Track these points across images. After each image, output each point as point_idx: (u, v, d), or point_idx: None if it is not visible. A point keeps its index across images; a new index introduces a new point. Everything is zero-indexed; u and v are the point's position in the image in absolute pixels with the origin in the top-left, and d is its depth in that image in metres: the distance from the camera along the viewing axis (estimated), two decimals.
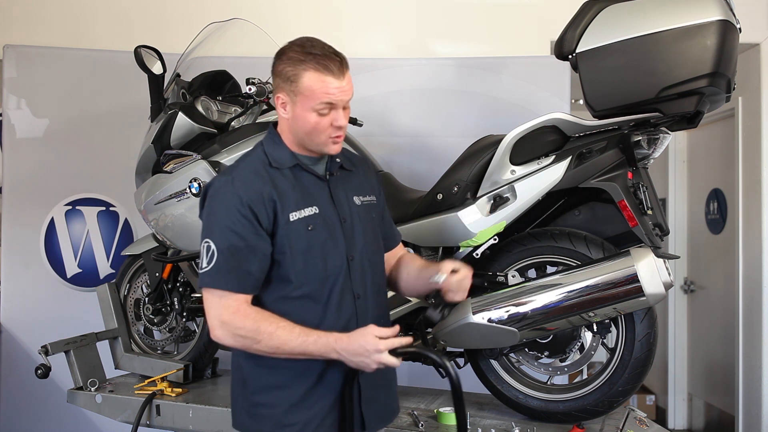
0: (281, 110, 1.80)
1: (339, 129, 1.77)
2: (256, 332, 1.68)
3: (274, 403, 1.79)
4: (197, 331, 3.00)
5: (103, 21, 4.02)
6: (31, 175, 3.74)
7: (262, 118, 2.81)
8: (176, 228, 2.68)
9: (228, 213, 1.71)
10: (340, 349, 1.68)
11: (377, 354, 1.66)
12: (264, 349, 1.70)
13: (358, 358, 1.67)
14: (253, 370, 1.81)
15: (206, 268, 1.72)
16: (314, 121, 1.75)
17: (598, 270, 2.14)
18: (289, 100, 1.77)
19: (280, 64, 1.78)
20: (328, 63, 1.73)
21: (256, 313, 1.71)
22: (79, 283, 3.75)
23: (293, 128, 1.80)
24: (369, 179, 1.99)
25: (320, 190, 1.84)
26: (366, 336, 1.67)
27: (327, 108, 1.74)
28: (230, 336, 1.71)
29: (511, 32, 3.98)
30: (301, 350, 1.69)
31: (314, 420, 1.79)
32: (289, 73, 1.74)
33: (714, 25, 1.99)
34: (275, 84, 1.81)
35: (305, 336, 1.68)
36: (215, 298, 1.72)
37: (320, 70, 1.72)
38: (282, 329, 1.68)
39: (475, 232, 2.31)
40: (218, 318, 1.72)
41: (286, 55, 1.77)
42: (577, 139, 2.23)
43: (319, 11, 4.04)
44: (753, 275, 4.23)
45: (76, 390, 2.76)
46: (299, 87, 1.73)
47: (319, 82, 1.72)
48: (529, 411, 2.36)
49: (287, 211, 1.75)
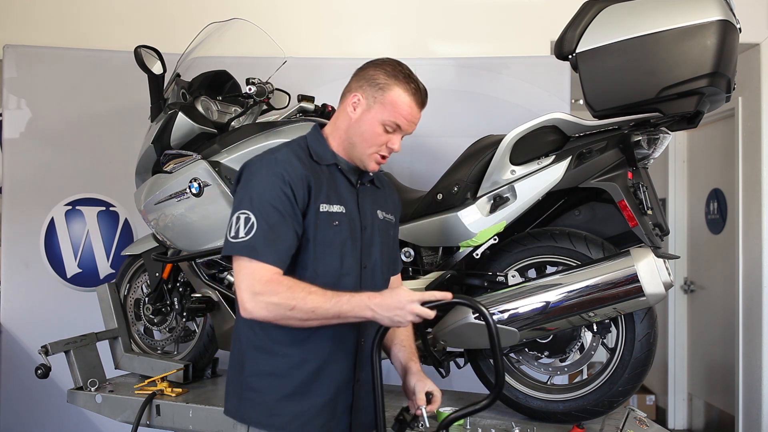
0: (350, 108, 1.85)
1: (389, 152, 1.87)
2: (291, 298, 1.68)
3: (266, 389, 1.81)
4: (197, 331, 3.00)
5: (103, 21, 4.02)
6: (31, 175, 3.75)
7: (262, 118, 2.81)
8: (176, 228, 2.68)
9: (271, 188, 1.74)
10: (374, 305, 1.69)
11: (412, 305, 1.68)
12: (298, 315, 1.69)
13: (394, 312, 1.69)
14: (252, 355, 1.83)
15: (243, 237, 1.72)
16: (376, 132, 1.83)
17: (598, 270, 2.14)
18: (366, 103, 1.83)
19: (373, 70, 1.85)
20: (419, 94, 1.84)
21: (288, 280, 1.72)
22: (79, 283, 3.75)
23: (351, 130, 1.86)
24: (393, 200, 2.07)
25: (350, 194, 1.89)
26: (399, 291, 1.71)
27: (393, 127, 1.83)
28: (263, 306, 1.70)
29: (511, 32, 3.98)
30: (335, 311, 1.69)
31: (303, 416, 1.80)
32: (381, 81, 1.82)
33: (714, 25, 1.99)
34: (356, 84, 1.86)
35: (338, 297, 1.70)
36: (249, 269, 1.71)
37: (410, 94, 1.83)
38: (314, 293, 1.69)
39: (475, 232, 2.31)
40: (250, 289, 1.70)
41: (386, 66, 1.85)
42: (577, 139, 2.23)
43: (319, 11, 4.04)
44: (753, 275, 4.23)
45: (76, 390, 2.76)
46: (384, 96, 1.81)
47: (404, 103, 1.82)
48: (529, 411, 2.36)
49: (319, 201, 1.80)
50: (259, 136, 2.55)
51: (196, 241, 2.66)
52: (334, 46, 3.97)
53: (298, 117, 2.67)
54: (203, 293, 2.77)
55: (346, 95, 1.89)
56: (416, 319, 1.70)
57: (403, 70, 1.85)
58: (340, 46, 3.98)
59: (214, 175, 2.54)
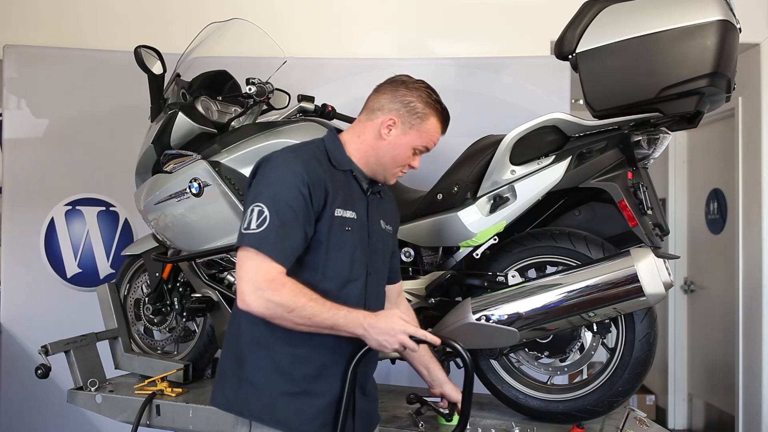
0: (384, 130, 1.89)
1: (409, 169, 1.97)
2: (292, 301, 1.69)
3: (267, 385, 1.81)
4: (197, 331, 3.00)
5: (103, 21, 4.02)
6: (31, 175, 3.74)
7: (262, 118, 2.81)
8: (176, 228, 2.68)
9: (289, 187, 1.75)
10: (367, 326, 1.75)
11: (402, 336, 1.75)
12: (294, 319, 1.71)
13: (383, 336, 1.75)
14: (254, 350, 1.83)
15: (255, 230, 1.72)
16: (407, 156, 1.93)
17: (598, 270, 2.14)
18: (402, 129, 1.90)
19: (409, 95, 1.90)
20: (446, 122, 1.97)
21: (292, 283, 1.72)
22: (79, 283, 3.75)
23: (382, 150, 1.91)
24: (394, 212, 2.12)
25: (361, 201, 1.93)
26: (393, 318, 1.78)
27: (422, 150, 1.94)
28: (262, 303, 1.70)
29: (511, 32, 3.98)
30: (331, 323, 1.72)
31: (304, 414, 1.81)
32: (419, 109, 1.89)
33: (714, 25, 1.98)
34: (391, 106, 1.90)
35: (336, 310, 1.73)
36: (255, 262, 1.71)
37: (441, 123, 1.94)
38: (314, 301, 1.72)
39: (475, 232, 2.31)
40: (253, 283, 1.70)
41: (421, 92, 1.91)
42: (577, 139, 2.22)
43: (319, 11, 4.04)
44: (753, 275, 4.23)
45: (76, 390, 2.76)
46: (422, 125, 1.90)
47: (436, 131, 1.94)
48: (529, 411, 2.36)
49: (334, 206, 1.82)
50: (259, 136, 2.55)
51: (196, 241, 2.66)
52: (335, 46, 3.97)
53: (298, 117, 2.67)
54: (203, 293, 2.77)
55: (376, 113, 1.90)
56: (400, 348, 1.77)
57: (436, 97, 1.92)
58: (340, 46, 3.98)
59: (214, 175, 2.53)
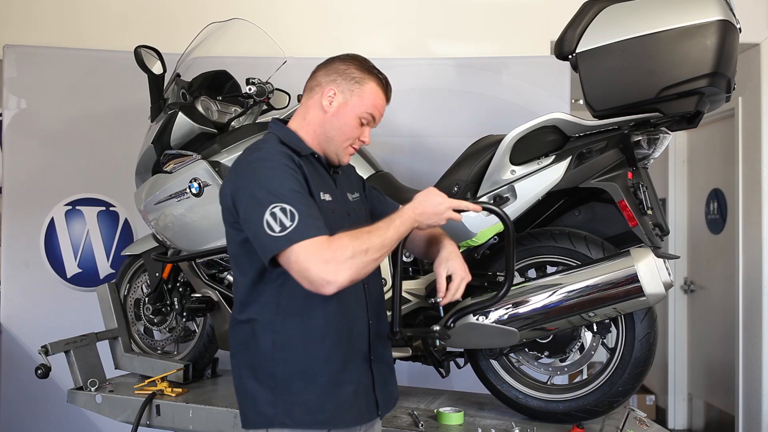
0: (325, 102, 1.86)
1: (360, 144, 1.92)
2: (359, 244, 1.65)
3: (303, 388, 1.76)
4: (197, 331, 3.00)
5: (103, 21, 4.02)
6: (31, 175, 3.75)
7: (262, 118, 2.81)
8: (176, 228, 2.68)
9: (287, 177, 1.72)
10: (417, 216, 1.80)
11: (448, 211, 1.84)
12: (373, 256, 1.68)
13: (433, 219, 1.83)
14: (280, 357, 1.77)
15: (290, 226, 1.64)
16: (353, 125, 1.87)
17: (598, 270, 2.14)
18: (342, 97, 1.85)
19: (343, 64, 1.88)
20: (387, 87, 1.93)
21: (341, 234, 1.68)
22: (79, 283, 3.75)
23: (328, 124, 1.86)
24: (354, 177, 2.10)
25: (330, 181, 1.91)
26: (433, 196, 1.84)
27: (367, 119, 1.89)
28: (343, 268, 1.63)
29: (511, 32, 3.98)
30: (396, 236, 1.75)
31: (342, 405, 1.79)
32: (356, 75, 1.86)
33: (714, 25, 1.99)
34: (328, 79, 1.87)
35: (388, 222, 1.75)
36: (307, 249, 1.63)
37: (381, 88, 1.90)
38: (370, 232, 1.70)
39: (475, 232, 2.31)
40: (321, 262, 1.62)
41: (355, 61, 1.89)
42: (577, 139, 2.22)
43: (319, 11, 4.04)
44: (753, 275, 4.23)
45: (76, 390, 2.76)
46: (362, 90, 1.86)
47: (378, 96, 1.89)
48: (529, 411, 2.36)
49: (316, 191, 1.80)
50: (259, 136, 2.55)
51: (196, 241, 2.66)
52: (335, 46, 3.91)
53: None
54: (203, 293, 2.77)
55: (314, 89, 1.88)
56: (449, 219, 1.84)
57: (371, 64, 1.91)
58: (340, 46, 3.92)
59: (214, 175, 2.54)
